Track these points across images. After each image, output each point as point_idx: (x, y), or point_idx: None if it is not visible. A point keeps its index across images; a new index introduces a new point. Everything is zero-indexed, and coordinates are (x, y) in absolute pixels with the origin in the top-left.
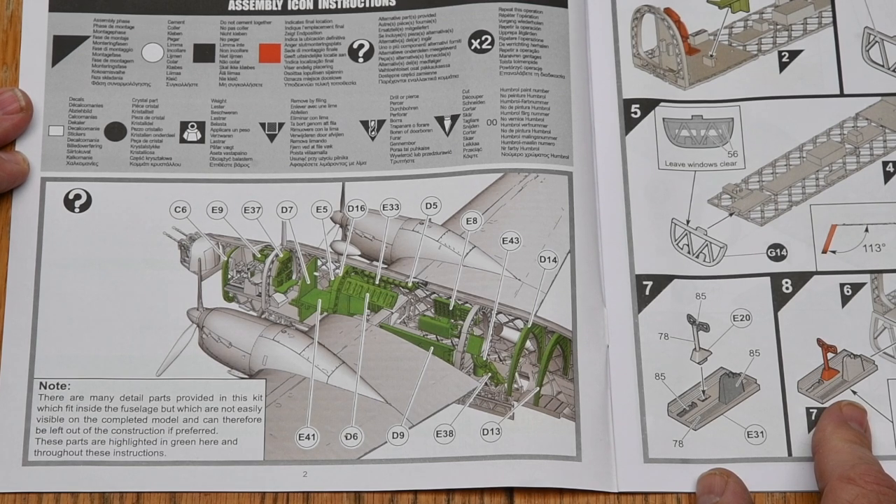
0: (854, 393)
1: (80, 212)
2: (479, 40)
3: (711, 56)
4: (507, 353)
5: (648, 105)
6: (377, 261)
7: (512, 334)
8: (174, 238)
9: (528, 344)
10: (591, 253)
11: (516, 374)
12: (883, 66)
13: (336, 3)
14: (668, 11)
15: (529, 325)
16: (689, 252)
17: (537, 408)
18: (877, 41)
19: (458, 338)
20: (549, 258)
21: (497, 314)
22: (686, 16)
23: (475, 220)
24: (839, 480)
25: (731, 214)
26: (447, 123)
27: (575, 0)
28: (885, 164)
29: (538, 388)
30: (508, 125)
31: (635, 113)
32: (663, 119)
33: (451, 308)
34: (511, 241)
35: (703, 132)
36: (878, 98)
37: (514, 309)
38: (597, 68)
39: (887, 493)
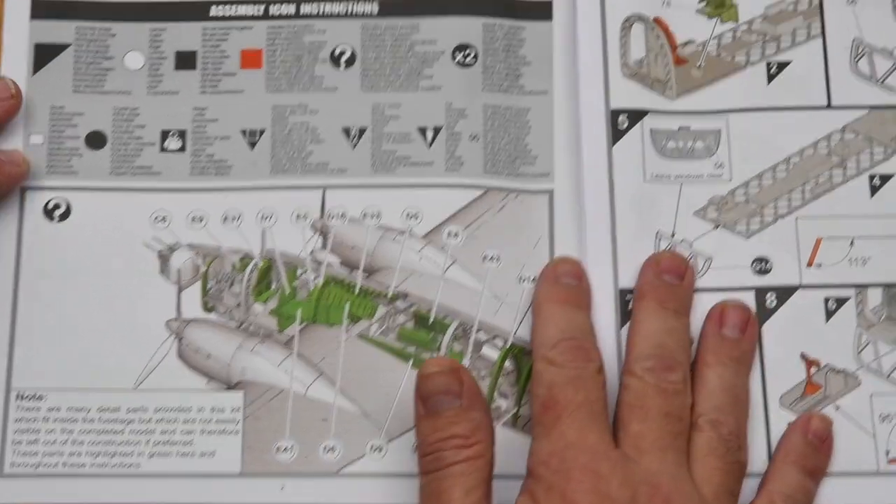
0: (837, 408)
1: (59, 221)
2: (462, 53)
3: (700, 67)
4: (487, 370)
5: (636, 116)
6: (357, 269)
7: (492, 353)
8: (154, 248)
9: (507, 363)
10: None
11: (495, 393)
12: (871, 78)
13: (318, 8)
14: (657, 21)
15: (509, 346)
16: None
17: (515, 428)
18: (865, 53)
19: (439, 351)
20: (528, 278)
21: (477, 331)
22: (675, 25)
23: (457, 235)
24: (540, 361)
25: (716, 227)
26: (429, 135)
27: (561, 11)
28: (871, 177)
29: (517, 409)
30: (490, 142)
31: (623, 124)
32: (650, 130)
33: (431, 321)
34: (492, 259)
35: (690, 144)
36: (866, 110)
37: (494, 327)
38: (585, 78)
39: (585, 367)
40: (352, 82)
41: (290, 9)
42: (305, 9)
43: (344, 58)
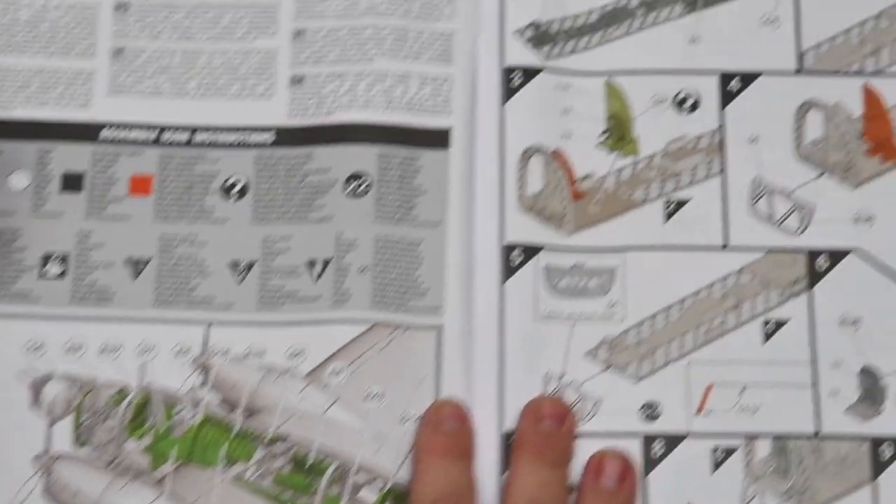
0: None
1: None
2: (355, 183)
3: (598, 202)
4: None
5: (531, 251)
6: (237, 409)
7: (370, 496)
8: (25, 378)
9: None
10: None
11: None
12: (769, 219)
13: (212, 137)
14: (556, 153)
15: (389, 488)
16: None
17: None
18: (765, 194)
19: (315, 496)
20: (412, 417)
21: (356, 473)
22: (575, 158)
23: (340, 372)
24: None
25: (607, 369)
26: (317, 268)
27: (459, 139)
28: (765, 322)
29: None
30: (380, 275)
31: (516, 259)
32: (545, 266)
33: (309, 464)
34: (375, 397)
35: (584, 282)
36: (763, 252)
37: (375, 468)
38: (480, 210)
39: None
40: (242, 214)
41: (183, 136)
42: (199, 137)
43: (236, 189)
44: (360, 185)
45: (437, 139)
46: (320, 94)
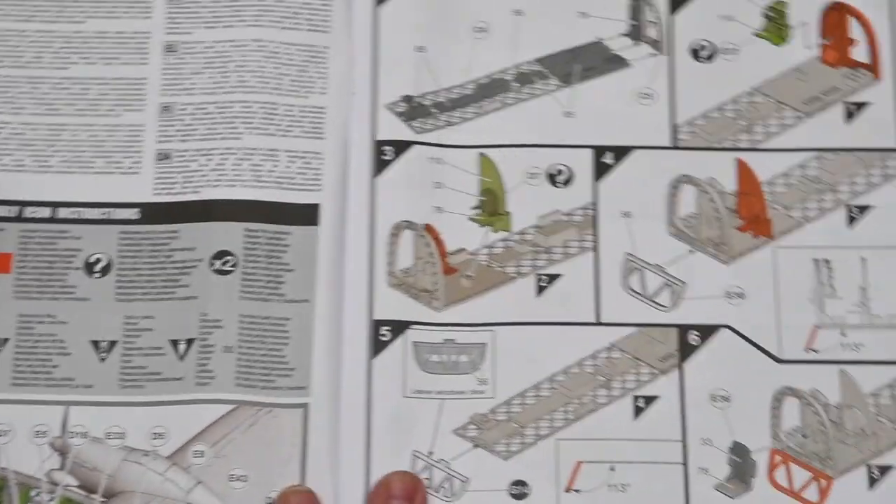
0: None
1: None
2: (221, 261)
3: (469, 276)
4: None
5: (399, 327)
6: (95, 493)
7: None
8: None
9: None
10: (325, 489)
11: None
12: (642, 295)
13: (75, 213)
14: (428, 227)
15: None
16: (429, 487)
17: None
18: (637, 269)
19: None
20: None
21: None
22: (446, 233)
23: (202, 454)
24: None
25: (475, 447)
26: (181, 347)
27: (329, 216)
28: (636, 398)
29: None
30: (246, 353)
31: (385, 335)
32: (413, 343)
33: None
34: (238, 478)
35: (454, 358)
36: (635, 329)
37: None
38: (349, 287)
39: None
40: (105, 292)
41: (45, 212)
42: (62, 213)
43: (99, 266)
44: (226, 263)
45: (307, 215)
46: (187, 171)
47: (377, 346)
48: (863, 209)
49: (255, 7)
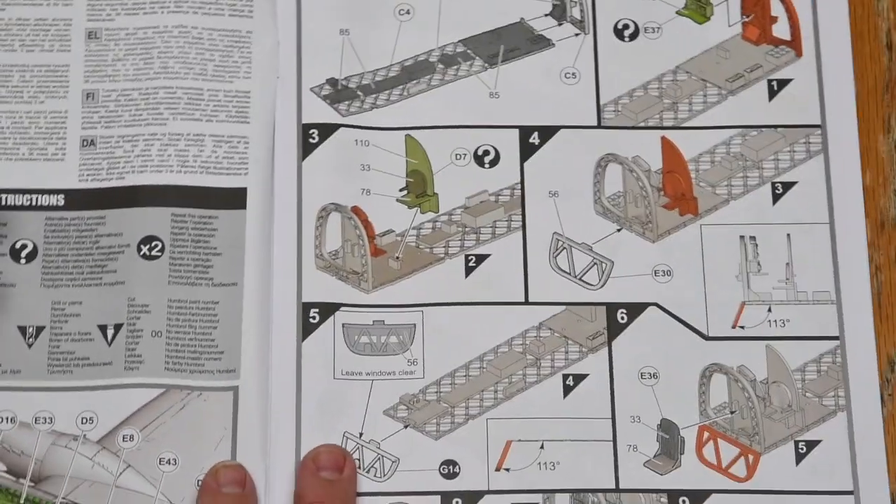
0: None
1: None
2: (148, 246)
3: (398, 258)
4: None
5: (328, 309)
6: (24, 478)
7: None
8: None
9: None
10: (256, 472)
11: None
12: (570, 273)
13: (0, 199)
14: (355, 210)
15: None
16: (360, 467)
17: None
18: (565, 248)
19: None
20: None
21: None
22: (374, 215)
23: (132, 438)
24: None
25: (406, 427)
26: (110, 333)
27: (256, 200)
28: (565, 376)
29: None
30: (174, 338)
31: (314, 318)
32: (343, 325)
33: None
34: (168, 462)
35: (383, 339)
36: (563, 307)
37: None
38: (278, 270)
39: None
40: (32, 278)
41: None
42: None
43: (25, 252)
44: (153, 248)
45: (234, 199)
46: (113, 157)
47: (306, 328)
48: (787, 186)
49: None
